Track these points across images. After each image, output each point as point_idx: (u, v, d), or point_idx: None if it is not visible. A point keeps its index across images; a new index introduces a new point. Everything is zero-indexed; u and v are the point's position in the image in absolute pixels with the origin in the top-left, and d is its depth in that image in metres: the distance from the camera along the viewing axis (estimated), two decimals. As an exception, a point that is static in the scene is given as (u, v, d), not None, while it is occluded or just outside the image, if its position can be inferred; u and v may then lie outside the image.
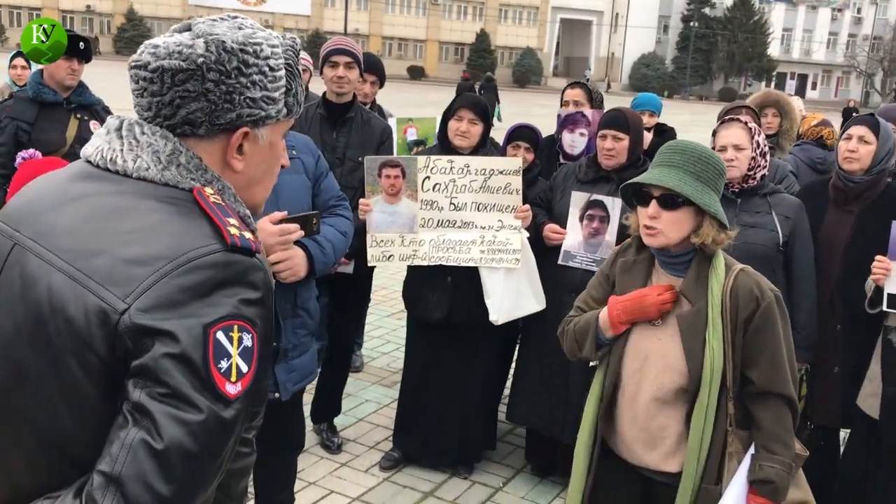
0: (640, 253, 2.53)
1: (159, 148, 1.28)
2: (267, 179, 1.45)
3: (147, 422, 1.10)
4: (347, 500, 3.79)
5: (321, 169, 3.06)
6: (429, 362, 4.03)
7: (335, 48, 4.12)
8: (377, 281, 6.75)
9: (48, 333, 1.16)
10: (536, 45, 63.05)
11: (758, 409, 2.35)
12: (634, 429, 2.45)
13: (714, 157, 2.38)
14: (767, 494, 2.29)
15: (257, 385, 1.23)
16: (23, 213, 1.30)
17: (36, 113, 4.17)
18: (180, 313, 1.13)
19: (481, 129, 3.87)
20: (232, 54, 1.29)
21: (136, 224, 1.20)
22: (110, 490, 1.09)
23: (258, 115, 1.33)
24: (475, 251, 3.79)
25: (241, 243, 1.21)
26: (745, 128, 3.44)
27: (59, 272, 1.18)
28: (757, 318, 2.32)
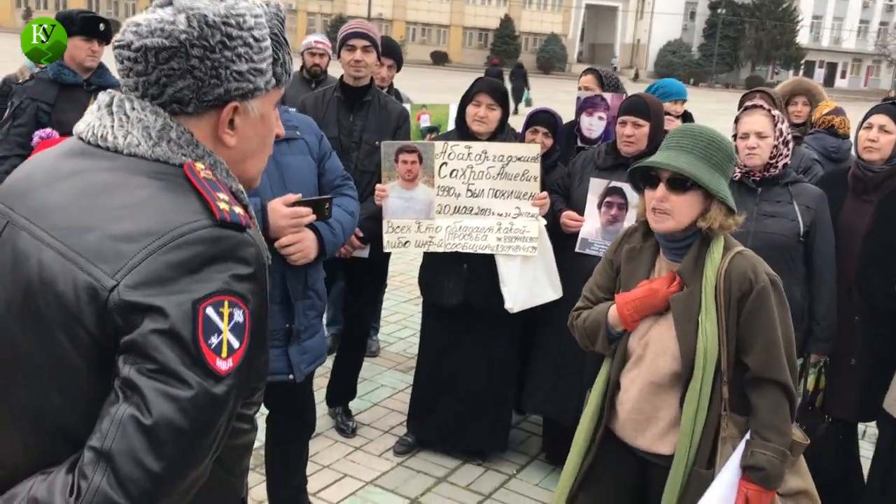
0: (646, 239, 2.51)
1: (149, 124, 1.27)
2: (261, 152, 1.43)
3: (136, 398, 1.10)
4: (361, 484, 3.79)
5: (325, 149, 3.07)
6: (444, 348, 4.02)
7: (352, 32, 4.10)
8: (395, 266, 6.76)
9: (38, 309, 1.16)
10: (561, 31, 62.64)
11: (754, 395, 2.33)
12: (632, 411, 2.47)
13: (724, 142, 2.35)
14: (758, 481, 2.27)
15: (251, 361, 1.22)
16: (16, 190, 1.30)
17: (56, 94, 4.19)
18: (169, 289, 1.12)
19: (499, 114, 3.83)
20: (215, 28, 1.26)
21: (126, 200, 1.19)
22: (101, 465, 1.09)
23: (247, 87, 1.31)
24: (492, 238, 3.77)
25: (231, 218, 1.20)
26: (768, 115, 3.38)
27: (49, 249, 1.18)
28: (750, 302, 2.30)
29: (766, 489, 2.28)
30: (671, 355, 2.36)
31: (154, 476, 1.09)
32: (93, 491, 1.08)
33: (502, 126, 3.88)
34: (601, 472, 2.57)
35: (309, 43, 5.64)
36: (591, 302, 2.63)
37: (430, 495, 3.76)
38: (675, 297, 2.35)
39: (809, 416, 3.52)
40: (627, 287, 2.48)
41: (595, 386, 2.60)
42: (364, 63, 4.06)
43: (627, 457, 2.53)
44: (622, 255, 2.54)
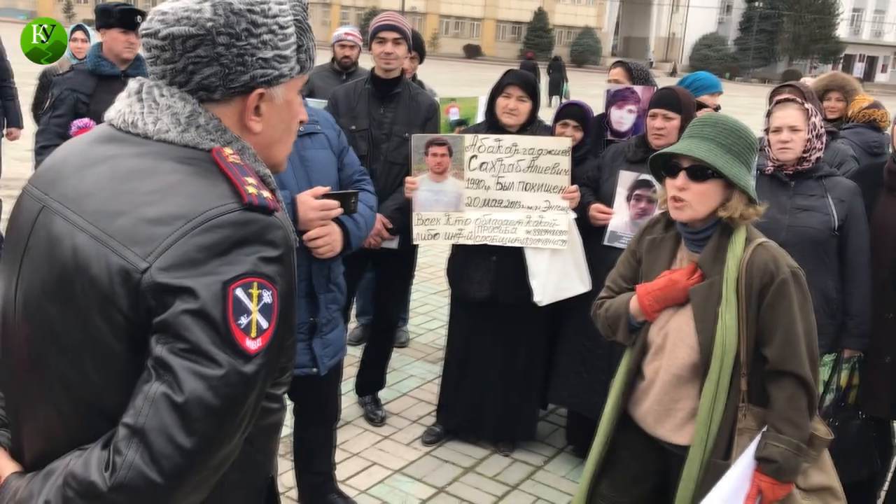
0: (667, 230, 2.51)
1: (178, 110, 1.30)
2: (286, 137, 1.46)
3: (168, 376, 1.13)
4: (389, 472, 3.83)
5: (343, 143, 3.11)
6: (471, 340, 4.04)
7: (383, 24, 4.12)
8: (424, 258, 6.80)
9: (74, 292, 1.20)
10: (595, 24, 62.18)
11: (772, 387, 2.31)
12: (652, 402, 2.48)
13: (746, 131, 2.34)
14: (771, 473, 2.26)
15: (280, 341, 1.25)
16: (50, 177, 1.34)
17: (94, 85, 4.28)
18: (199, 271, 1.16)
19: (530, 106, 3.84)
20: (240, 16, 1.29)
21: (156, 185, 1.22)
22: (134, 441, 1.13)
23: (272, 74, 1.34)
24: (521, 231, 3.78)
25: (259, 202, 1.22)
26: (801, 108, 3.35)
27: (82, 233, 1.21)
28: (771, 294, 2.28)
29: (780, 482, 2.26)
30: (690, 346, 2.37)
31: (185, 452, 1.13)
32: (127, 466, 1.12)
33: (532, 118, 3.88)
34: (623, 459, 2.59)
35: (339, 35, 5.69)
36: (614, 292, 2.64)
37: (458, 485, 3.79)
38: (695, 289, 2.35)
39: (842, 413, 3.48)
40: (648, 278, 2.48)
41: (617, 375, 2.61)
42: (394, 55, 4.09)
43: (648, 445, 2.54)
44: (643, 246, 2.54)
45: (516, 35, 62.30)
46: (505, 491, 3.78)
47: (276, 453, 1.54)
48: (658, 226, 2.54)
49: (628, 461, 2.59)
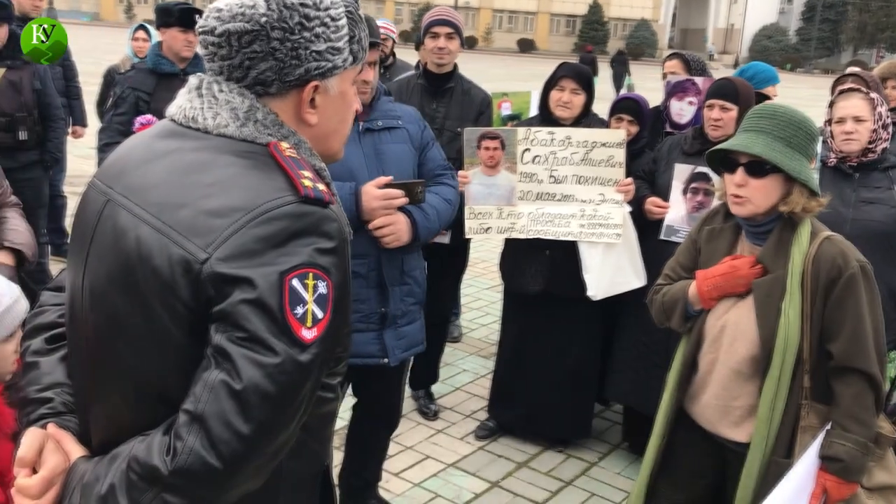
0: (727, 220, 2.46)
1: (237, 105, 1.33)
2: (341, 128, 1.48)
3: (227, 364, 1.16)
4: (442, 466, 3.85)
5: (426, 139, 3.09)
6: (524, 335, 4.02)
7: (436, 19, 4.12)
8: (477, 253, 6.80)
9: (137, 282, 1.23)
10: (651, 16, 61.30)
11: (837, 384, 2.25)
12: (709, 396, 2.43)
13: (805, 121, 2.27)
14: (836, 472, 2.20)
15: (335, 331, 1.27)
16: (115, 171, 1.38)
17: (154, 83, 4.37)
18: (257, 262, 1.18)
19: (584, 99, 3.80)
20: (293, 10, 1.31)
21: (216, 178, 1.26)
22: (194, 427, 1.16)
23: (326, 66, 1.36)
24: (574, 225, 3.74)
25: (315, 194, 1.25)
26: (865, 98, 3.26)
27: (145, 224, 1.25)
28: (839, 288, 2.22)
29: (846, 481, 2.20)
30: (750, 340, 2.31)
31: (243, 438, 1.16)
32: (187, 451, 1.15)
33: (586, 111, 3.84)
34: (680, 455, 2.55)
35: None
36: (672, 279, 2.61)
37: (511, 480, 3.79)
38: (758, 282, 2.29)
39: (911, 410, 3.37)
40: (706, 268, 2.43)
41: (672, 368, 2.57)
42: (447, 50, 4.09)
43: (706, 441, 2.50)
44: (703, 236, 2.50)
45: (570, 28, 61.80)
46: (559, 487, 3.76)
47: (330, 442, 1.56)
48: (717, 216, 2.50)
49: (685, 457, 2.55)
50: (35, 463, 1.34)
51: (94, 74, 6.73)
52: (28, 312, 1.91)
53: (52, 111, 5.22)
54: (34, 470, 1.34)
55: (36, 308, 1.60)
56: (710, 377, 2.44)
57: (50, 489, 1.31)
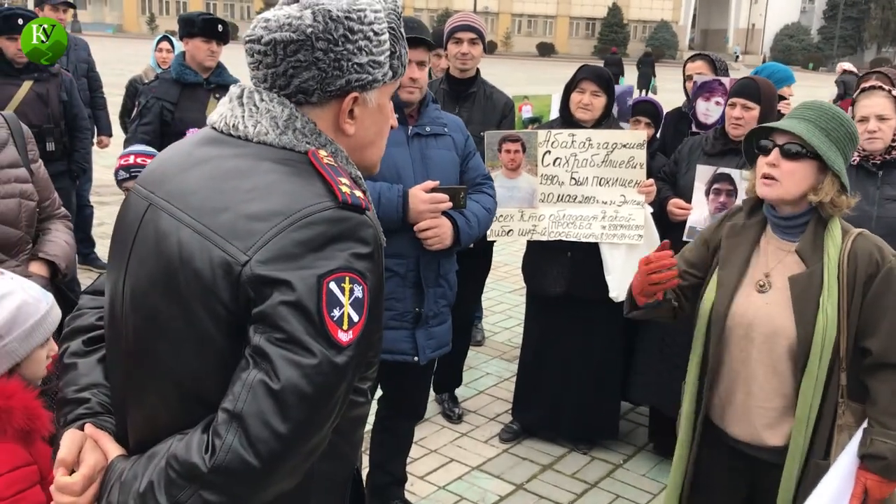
0: (751, 217, 2.42)
1: (277, 114, 1.36)
2: (378, 141, 1.51)
3: (266, 364, 1.19)
4: (467, 469, 3.86)
5: (469, 148, 3.16)
6: (547, 337, 4.03)
7: (460, 24, 4.15)
8: (500, 257, 6.81)
9: (178, 284, 1.26)
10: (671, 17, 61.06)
11: (874, 381, 2.21)
12: (742, 399, 2.36)
13: (849, 121, 2.25)
14: (878, 471, 2.16)
15: (369, 335, 1.29)
16: (156, 176, 1.42)
17: (178, 93, 4.44)
18: (296, 265, 1.21)
19: (604, 101, 3.80)
20: (338, 22, 1.34)
21: (256, 183, 1.29)
22: (233, 426, 1.18)
23: (366, 79, 1.39)
24: (596, 227, 3.75)
25: (352, 201, 1.28)
26: (889, 96, 3.24)
27: (187, 228, 1.28)
28: (877, 283, 2.19)
29: (888, 480, 2.17)
30: (786, 337, 2.25)
31: (281, 437, 1.18)
32: (226, 449, 1.18)
33: (607, 113, 3.85)
34: (711, 477, 2.46)
35: None
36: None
37: (536, 482, 3.79)
38: (794, 277, 2.26)
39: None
40: (726, 263, 2.39)
41: (690, 371, 2.48)
42: (471, 55, 4.12)
43: (734, 455, 2.40)
44: (724, 231, 2.44)
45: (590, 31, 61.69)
46: (584, 489, 3.76)
47: (360, 445, 1.58)
48: (740, 213, 2.45)
49: (717, 476, 2.45)
50: (74, 464, 1.37)
51: (117, 86, 6.83)
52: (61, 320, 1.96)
53: (78, 122, 5.31)
54: (72, 471, 1.36)
55: (75, 311, 1.64)
56: (741, 378, 2.35)
57: (89, 487, 1.34)
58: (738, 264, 2.36)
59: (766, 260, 2.35)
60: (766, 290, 2.32)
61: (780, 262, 2.32)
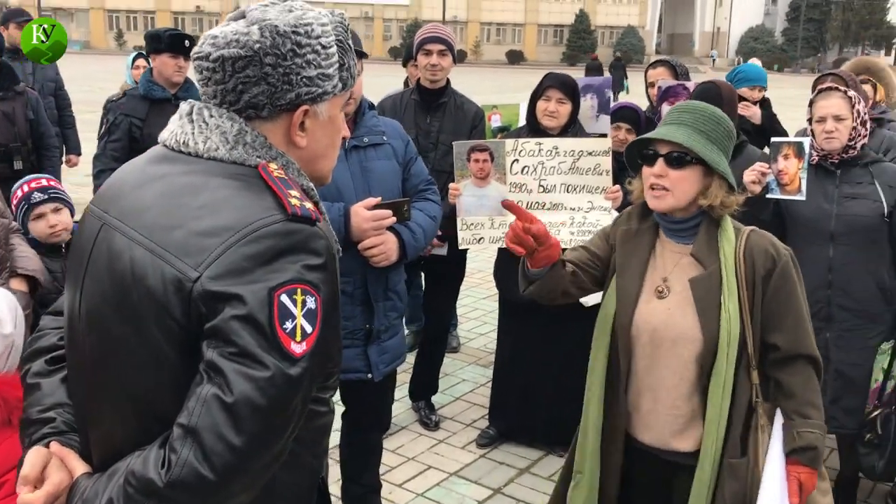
0: (642, 222, 2.37)
1: (226, 129, 1.38)
2: (330, 152, 1.53)
3: (219, 378, 1.20)
4: (445, 475, 3.88)
5: (410, 154, 3.13)
6: (520, 343, 4.08)
7: (429, 36, 4.19)
8: (474, 264, 6.84)
9: (132, 302, 1.28)
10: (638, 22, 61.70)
11: (784, 374, 2.22)
12: (648, 405, 2.31)
13: (725, 119, 2.26)
14: (809, 462, 2.18)
15: (325, 345, 1.31)
16: (110, 195, 1.43)
17: (147, 109, 4.43)
18: (247, 279, 1.23)
19: (570, 108, 3.87)
20: (285, 37, 1.36)
21: (207, 200, 1.30)
22: (188, 440, 1.20)
23: (316, 92, 1.41)
24: (565, 232, 3.80)
25: (302, 213, 1.29)
26: (844, 97, 3.32)
27: (139, 246, 1.30)
28: (775, 278, 2.20)
29: (816, 469, 2.19)
30: (692, 340, 2.21)
31: (235, 450, 1.19)
32: (181, 463, 1.19)
33: (572, 120, 3.91)
34: (627, 483, 2.41)
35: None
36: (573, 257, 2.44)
37: (514, 486, 3.83)
38: (694, 279, 2.23)
39: (903, 404, 3.41)
40: (624, 271, 2.33)
41: (593, 380, 2.40)
42: (440, 66, 4.15)
43: (648, 461, 2.35)
44: (618, 237, 2.40)
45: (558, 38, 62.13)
46: (561, 491, 3.80)
47: (325, 454, 1.60)
48: (632, 218, 2.40)
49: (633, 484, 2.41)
50: (38, 481, 1.38)
51: (86, 102, 6.81)
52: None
53: (46, 140, 5.29)
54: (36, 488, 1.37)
55: (36, 332, 1.64)
56: (647, 385, 2.30)
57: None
58: (635, 271, 2.32)
59: (663, 264, 2.32)
60: (665, 296, 2.28)
61: (677, 266, 2.29)
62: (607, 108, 4.31)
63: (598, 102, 4.31)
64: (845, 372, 3.39)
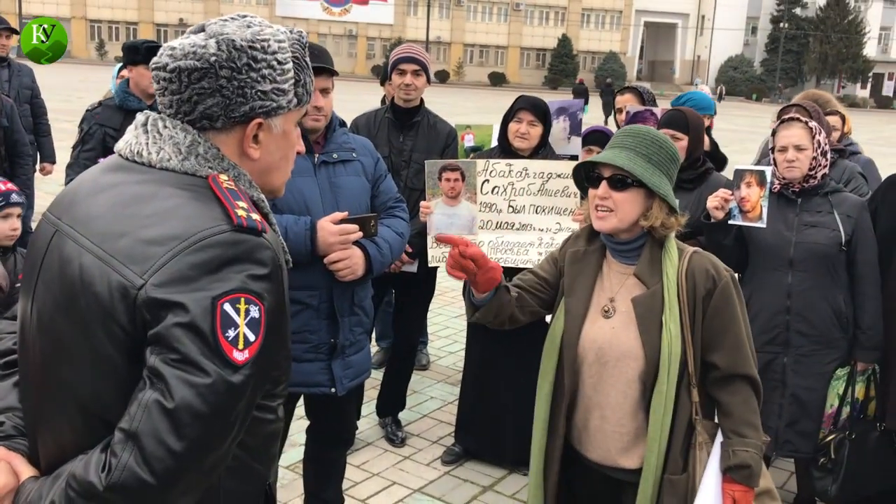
0: (590, 243, 2.44)
1: (179, 140, 1.41)
2: (283, 165, 1.56)
3: (161, 384, 1.23)
4: (409, 492, 3.90)
5: (380, 171, 3.17)
6: (488, 360, 4.11)
7: (403, 56, 4.25)
8: (446, 282, 6.88)
9: (80, 308, 1.30)
10: (620, 49, 62.41)
11: (723, 393, 2.29)
12: (596, 423, 2.36)
13: (668, 143, 2.32)
14: (743, 480, 2.22)
15: (269, 353, 1.34)
16: (65, 203, 1.46)
17: (122, 119, 4.44)
18: (191, 287, 1.26)
19: (541, 130, 3.94)
20: (241, 51, 1.40)
21: (156, 209, 1.33)
22: (129, 445, 1.22)
23: (270, 106, 1.45)
24: (533, 253, 3.85)
25: (248, 223, 1.32)
26: (805, 127, 3.41)
27: (88, 253, 1.32)
28: (715, 298, 2.26)
29: (750, 487, 2.24)
30: (633, 358, 2.28)
31: (175, 455, 1.22)
32: (121, 467, 1.21)
33: (543, 142, 3.98)
34: (567, 495, 2.47)
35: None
36: (521, 281, 2.51)
37: (476, 503, 3.85)
38: (637, 299, 2.29)
39: (861, 425, 3.48)
40: (572, 291, 2.40)
41: (539, 397, 2.47)
42: (414, 86, 4.21)
43: (595, 478, 2.42)
44: (566, 259, 2.46)
45: (540, 62, 62.67)
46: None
47: (274, 462, 1.61)
48: (580, 239, 2.48)
49: (572, 496, 2.48)
50: None
51: (64, 111, 6.81)
52: None
53: (19, 148, 5.28)
54: None
55: None
56: (594, 403, 2.35)
57: None
58: (583, 291, 2.39)
59: (610, 285, 2.38)
60: (611, 315, 2.34)
61: (622, 286, 2.35)
62: (578, 130, 4.40)
63: (570, 125, 4.40)
64: (801, 396, 3.45)
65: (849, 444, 3.44)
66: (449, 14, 60.82)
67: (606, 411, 2.34)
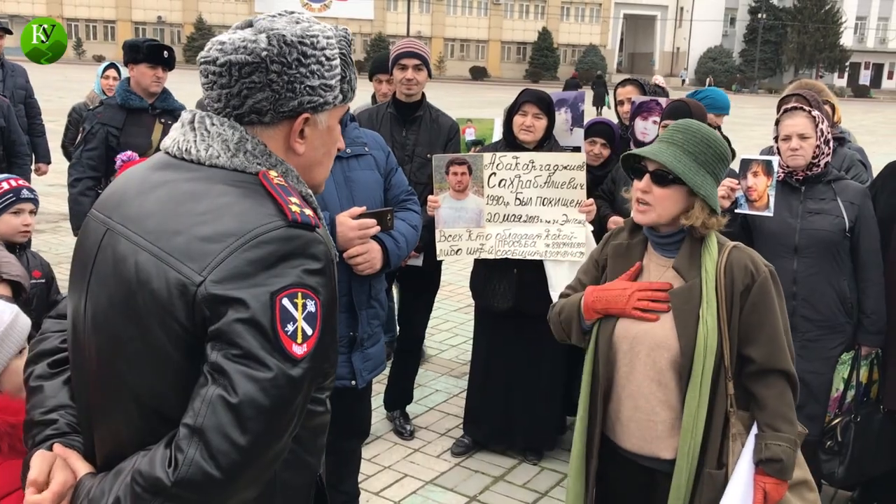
0: (633, 236, 2.47)
1: (228, 137, 1.43)
2: (326, 160, 1.59)
3: (224, 380, 1.25)
4: (421, 483, 3.93)
5: (391, 164, 3.20)
6: (495, 351, 4.16)
7: (404, 51, 4.27)
8: (445, 276, 6.89)
9: (137, 305, 1.32)
10: (600, 41, 62.62)
11: (759, 387, 2.30)
12: (629, 412, 2.39)
13: (718, 142, 2.31)
14: (775, 473, 2.24)
15: (324, 347, 1.36)
16: (113, 202, 1.47)
17: (124, 118, 4.44)
18: (249, 283, 1.27)
19: (545, 123, 3.97)
20: (292, 47, 1.42)
21: (209, 206, 1.35)
22: (194, 440, 1.24)
23: (317, 101, 1.46)
24: (540, 245, 3.89)
25: (302, 219, 1.34)
26: (808, 116, 3.46)
27: (144, 251, 1.34)
28: (754, 293, 2.27)
29: (783, 481, 2.26)
30: (668, 349, 2.30)
31: (240, 448, 1.24)
32: (188, 462, 1.23)
33: (548, 134, 4.02)
34: (611, 490, 2.49)
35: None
36: (571, 291, 2.59)
37: (489, 493, 3.89)
38: (674, 292, 2.30)
39: (865, 408, 3.55)
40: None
41: (582, 388, 2.50)
42: (416, 81, 4.23)
43: (630, 467, 2.43)
44: (608, 251, 2.49)
45: (521, 56, 62.76)
46: (535, 498, 3.87)
47: (322, 453, 1.64)
48: (623, 233, 2.50)
49: (610, 486, 2.50)
50: (45, 485, 1.40)
51: (46, 112, 6.74)
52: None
53: (17, 148, 5.25)
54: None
55: (38, 335, 1.66)
56: (627, 392, 2.38)
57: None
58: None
59: (649, 276, 2.40)
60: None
61: (662, 278, 2.37)
62: (581, 122, 4.44)
63: (572, 116, 4.44)
64: (807, 380, 3.50)
65: (854, 427, 3.51)
66: (429, 8, 60.74)
67: (639, 400, 2.36)
